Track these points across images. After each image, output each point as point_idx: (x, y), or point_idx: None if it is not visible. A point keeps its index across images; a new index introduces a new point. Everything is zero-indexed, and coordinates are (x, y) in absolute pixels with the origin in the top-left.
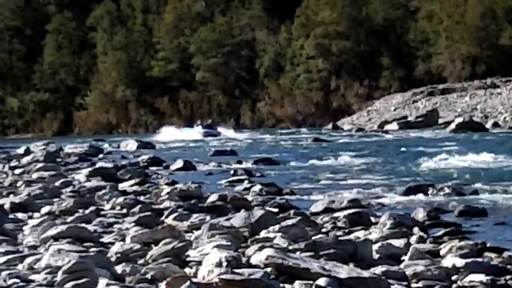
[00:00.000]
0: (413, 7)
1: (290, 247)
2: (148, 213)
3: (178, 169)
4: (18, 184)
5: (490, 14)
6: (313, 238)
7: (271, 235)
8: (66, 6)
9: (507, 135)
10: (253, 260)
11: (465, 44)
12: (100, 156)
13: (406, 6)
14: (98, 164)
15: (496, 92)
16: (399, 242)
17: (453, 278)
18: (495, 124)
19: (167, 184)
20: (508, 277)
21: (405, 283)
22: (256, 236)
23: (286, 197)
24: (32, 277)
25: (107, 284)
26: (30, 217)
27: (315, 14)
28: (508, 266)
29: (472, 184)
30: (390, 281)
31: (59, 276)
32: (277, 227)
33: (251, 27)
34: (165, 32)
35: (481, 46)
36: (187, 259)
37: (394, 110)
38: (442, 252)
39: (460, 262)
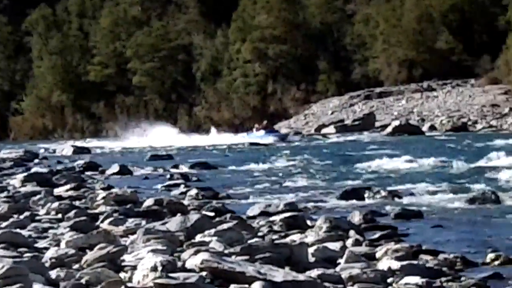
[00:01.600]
0: (350, 11)
1: (226, 251)
2: (84, 218)
3: (114, 174)
4: None
5: (426, 17)
6: (249, 241)
7: (206, 239)
8: (1, 10)
9: (443, 138)
10: (188, 264)
11: (402, 47)
12: (36, 161)
13: (343, 10)
14: (34, 169)
15: (432, 95)
16: (335, 245)
17: (389, 280)
18: (432, 127)
19: (102, 188)
20: (443, 279)
21: (341, 286)
22: (192, 240)
23: (223, 201)
24: None
25: None
26: None
27: (251, 18)
28: (444, 268)
29: (408, 187)
30: (326, 284)
31: None
32: (212, 231)
33: (187, 31)
34: (101, 37)
35: (418, 49)
36: (122, 263)
37: (331, 113)
38: (378, 255)
39: (396, 265)
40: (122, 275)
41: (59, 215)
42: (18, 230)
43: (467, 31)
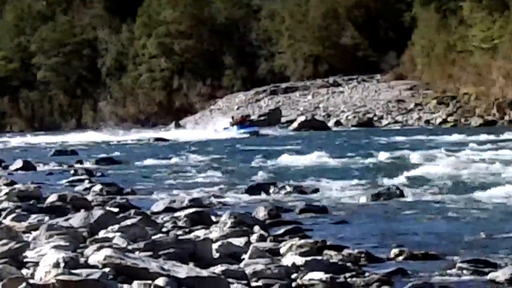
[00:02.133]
0: (255, 6)
1: (130, 247)
2: None
3: (17, 169)
4: None
5: (332, 13)
6: (153, 237)
7: (110, 235)
8: None
9: (349, 134)
10: (91, 260)
11: (308, 43)
12: None
13: (248, 5)
14: None
15: (338, 90)
16: (239, 241)
17: (293, 276)
18: (337, 123)
19: (5, 184)
20: (347, 274)
21: (245, 282)
22: (95, 236)
23: (127, 196)
24: None
25: None
26: None
27: (157, 13)
28: (348, 264)
29: (313, 182)
30: (230, 280)
31: None
32: (116, 226)
33: (92, 26)
34: (5, 31)
35: (323, 45)
36: (25, 260)
37: (237, 109)
38: (282, 251)
39: (300, 260)
40: (24, 271)
41: None
42: None
43: (372, 27)
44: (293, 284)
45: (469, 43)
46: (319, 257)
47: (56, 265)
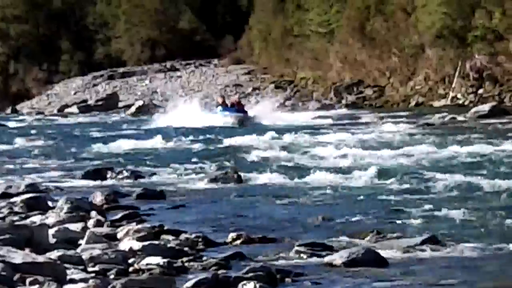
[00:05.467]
0: None
1: None
2: None
3: None
4: None
5: None
6: None
7: None
8: None
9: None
10: None
11: (145, 27)
12: None
13: None
14: None
15: (176, 75)
16: (76, 226)
17: (130, 261)
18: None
19: None
20: (185, 259)
21: (81, 267)
22: None
23: None
24: None
25: None
26: None
27: None
28: (185, 248)
29: (151, 167)
30: (67, 265)
31: None
32: None
33: None
34: None
35: (161, 29)
36: None
37: (74, 93)
38: (119, 236)
39: (137, 245)
40: None
41: None
42: None
43: (210, 12)
44: (130, 269)
45: (306, 28)
46: (156, 242)
47: None
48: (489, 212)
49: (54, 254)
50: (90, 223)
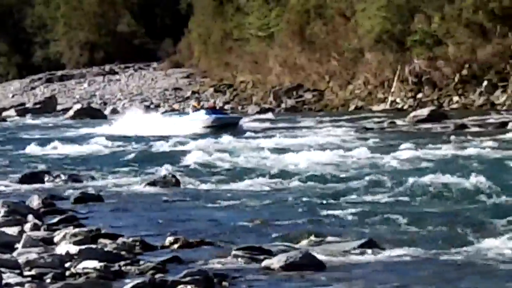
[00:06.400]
0: None
1: None
2: None
3: None
4: None
5: (108, 0)
6: None
7: None
8: None
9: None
10: None
11: (84, 30)
12: None
13: None
14: None
15: (115, 78)
16: (12, 230)
17: (67, 265)
18: (114, 111)
19: None
20: (122, 263)
21: (17, 271)
22: None
23: None
24: None
25: None
26: None
27: None
28: (122, 252)
29: (89, 171)
30: (2, 269)
31: None
32: None
33: None
34: None
35: (100, 32)
36: None
37: (12, 96)
38: (56, 239)
39: (74, 249)
40: None
41: None
42: None
43: (149, 15)
44: (67, 273)
45: (245, 31)
46: (93, 246)
47: None
48: (426, 216)
49: None
50: (27, 226)
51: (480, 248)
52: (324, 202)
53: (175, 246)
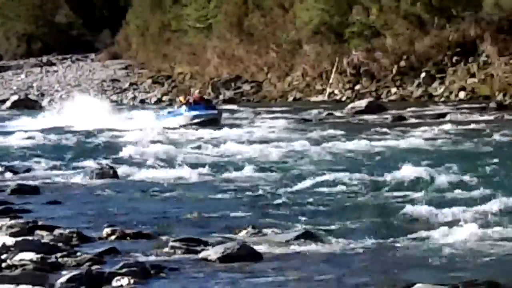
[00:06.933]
0: None
1: None
2: None
3: None
4: None
5: None
6: None
7: None
8: None
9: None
10: None
11: (21, 21)
12: None
13: None
14: None
15: (52, 70)
16: None
17: (3, 257)
18: (51, 102)
19: None
20: (59, 254)
21: None
22: None
23: None
24: None
25: None
26: None
27: None
28: (59, 244)
29: (25, 162)
30: None
31: None
32: None
33: None
34: None
35: (37, 23)
36: None
37: None
38: None
39: (10, 241)
40: None
41: None
42: None
43: (87, 6)
44: (3, 265)
45: (183, 23)
46: (30, 237)
47: None
48: (362, 208)
49: None
50: None
51: (415, 239)
52: (262, 193)
53: (112, 237)
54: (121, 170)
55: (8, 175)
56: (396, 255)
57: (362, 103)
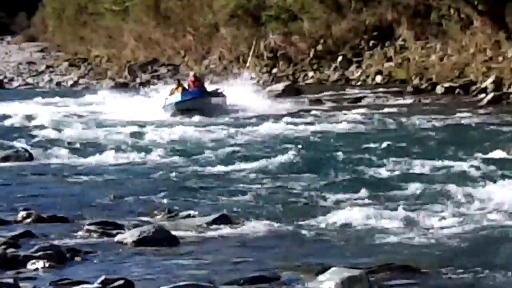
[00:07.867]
0: None
1: None
2: None
3: None
4: None
5: None
6: None
7: None
8: None
9: None
10: None
11: None
12: None
13: None
14: None
15: None
16: None
17: None
18: None
19: None
20: None
21: None
22: None
23: None
24: None
25: None
26: None
27: None
28: None
29: None
30: None
31: None
32: None
33: None
34: None
35: None
36: None
37: None
38: None
39: None
40: None
41: None
42: None
43: None
44: None
45: (100, 6)
46: None
47: None
48: (280, 191)
49: None
50: None
51: (332, 223)
52: (180, 177)
53: (28, 220)
54: (37, 152)
55: None
56: (313, 239)
57: (279, 87)
